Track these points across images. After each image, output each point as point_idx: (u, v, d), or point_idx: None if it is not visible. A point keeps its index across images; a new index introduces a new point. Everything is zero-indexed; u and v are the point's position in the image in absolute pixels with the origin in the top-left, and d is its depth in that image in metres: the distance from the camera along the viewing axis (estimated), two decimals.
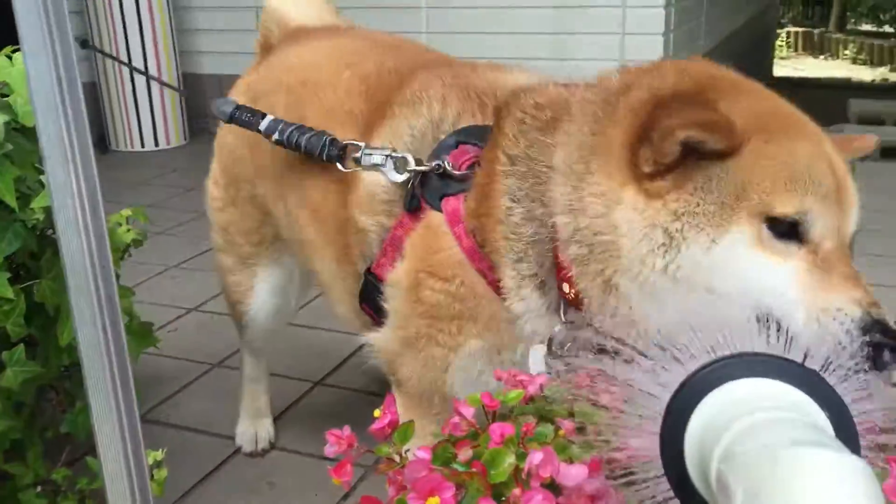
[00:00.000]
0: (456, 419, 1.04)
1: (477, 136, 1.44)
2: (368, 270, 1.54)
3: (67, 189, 0.82)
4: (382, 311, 1.52)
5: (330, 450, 1.12)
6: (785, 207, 1.12)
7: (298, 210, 1.72)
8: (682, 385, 0.73)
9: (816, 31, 13.66)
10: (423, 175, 1.44)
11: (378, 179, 1.50)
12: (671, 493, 0.77)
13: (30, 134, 1.76)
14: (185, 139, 5.74)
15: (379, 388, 2.49)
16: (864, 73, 11.38)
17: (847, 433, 0.68)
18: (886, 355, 1.07)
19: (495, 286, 1.37)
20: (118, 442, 0.91)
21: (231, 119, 1.70)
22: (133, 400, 0.92)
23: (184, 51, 5.80)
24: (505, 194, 1.34)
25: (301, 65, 1.79)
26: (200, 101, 5.99)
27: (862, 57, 12.39)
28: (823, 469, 0.60)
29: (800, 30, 13.75)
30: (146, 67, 5.46)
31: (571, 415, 1.04)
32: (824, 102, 6.58)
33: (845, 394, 0.71)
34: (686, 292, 1.17)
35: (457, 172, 1.41)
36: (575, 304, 1.30)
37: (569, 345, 1.31)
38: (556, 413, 1.05)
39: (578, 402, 1.06)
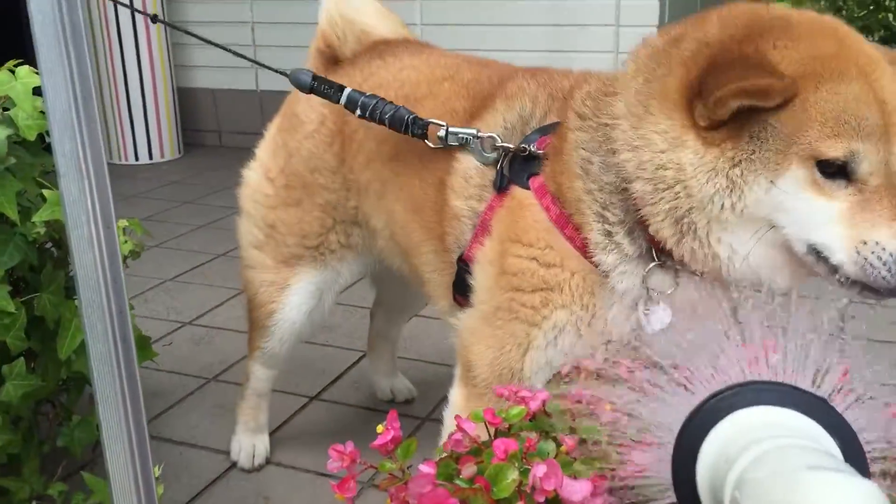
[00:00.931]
0: (458, 435, 1.05)
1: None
2: (461, 259, 1.58)
3: (81, 205, 0.83)
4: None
5: (333, 465, 1.12)
6: (832, 151, 1.21)
7: (405, 213, 1.75)
8: (694, 413, 0.74)
9: None
10: (511, 160, 1.51)
11: (471, 164, 1.58)
12: None
13: (31, 147, 1.77)
14: (180, 152, 5.75)
15: (375, 403, 2.50)
16: None
17: (856, 460, 0.69)
18: None
19: (584, 250, 1.41)
20: (127, 456, 0.91)
21: (311, 90, 1.73)
22: (142, 414, 0.93)
23: (178, 65, 5.82)
24: (579, 147, 1.41)
25: (397, 80, 1.80)
26: (196, 115, 6.01)
27: None
28: (836, 492, 0.61)
29: None
30: (141, 80, 5.47)
31: (573, 431, 1.06)
32: None
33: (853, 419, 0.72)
34: (754, 225, 1.28)
35: (540, 152, 1.49)
36: (659, 246, 1.36)
37: (670, 290, 1.39)
38: (558, 429, 1.06)
39: (580, 419, 1.08)
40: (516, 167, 1.51)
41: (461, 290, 1.60)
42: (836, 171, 1.23)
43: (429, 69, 1.81)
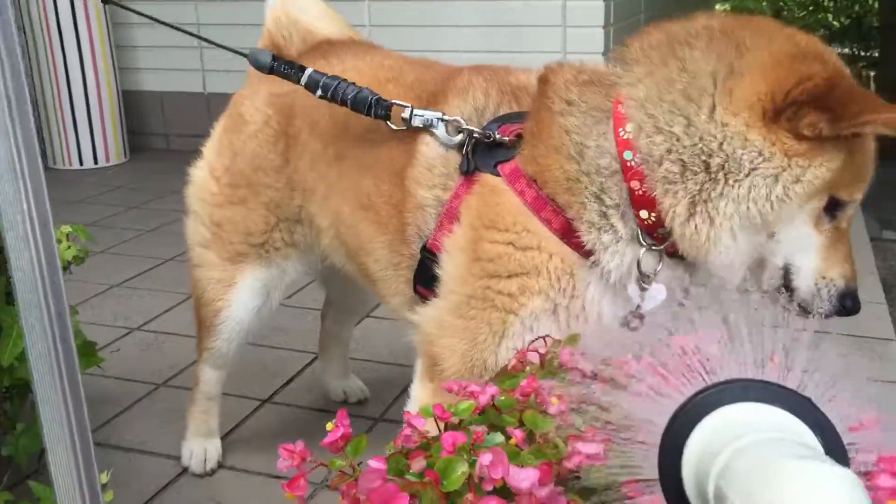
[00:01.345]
0: (408, 431, 1.05)
1: (517, 119, 1.55)
2: (424, 248, 1.58)
3: (17, 206, 0.81)
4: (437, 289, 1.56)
5: (283, 464, 1.12)
6: (845, 195, 1.37)
7: (353, 213, 1.75)
8: (679, 410, 0.76)
9: None
10: (473, 149, 1.54)
11: (435, 152, 1.59)
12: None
13: None
14: (126, 157, 5.65)
15: (327, 405, 2.49)
16: None
17: (837, 454, 0.72)
18: (841, 310, 1.40)
19: (563, 231, 1.43)
20: (71, 460, 0.90)
21: (271, 70, 1.74)
22: (84, 414, 0.91)
23: (123, 67, 5.72)
24: (570, 132, 1.44)
25: None
26: (142, 118, 5.92)
27: None
28: (814, 478, 0.63)
29: None
30: (84, 83, 5.36)
31: (522, 424, 1.07)
32: None
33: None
34: (765, 229, 1.36)
35: (506, 139, 1.51)
36: (651, 230, 1.40)
37: (658, 270, 1.44)
38: (507, 423, 1.07)
39: (528, 412, 1.09)
40: (481, 155, 1.53)
41: (424, 282, 1.60)
42: (830, 207, 1.36)
43: (372, 71, 1.81)
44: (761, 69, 1.33)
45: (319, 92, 1.68)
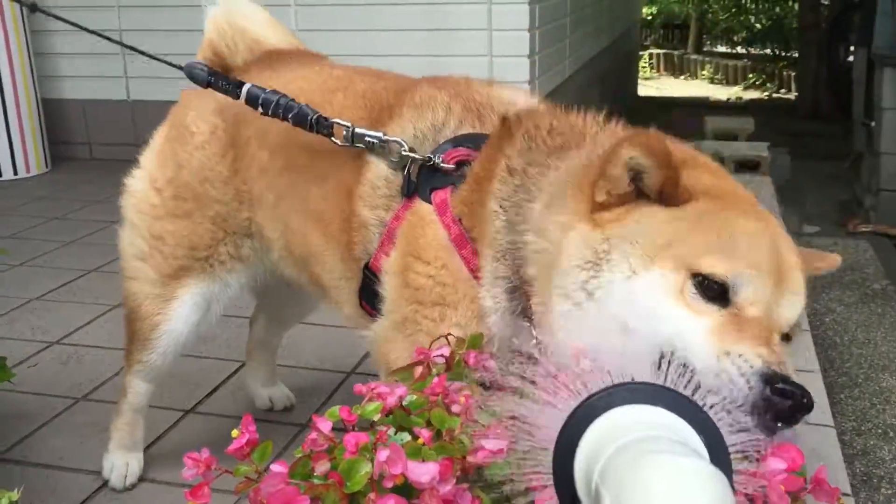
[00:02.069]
0: (314, 435, 1.05)
1: (473, 142, 1.52)
2: (366, 266, 1.58)
3: None
4: (380, 305, 1.56)
5: (188, 472, 1.11)
6: (711, 268, 1.13)
7: (303, 222, 1.73)
8: (572, 414, 0.78)
9: (676, 52, 14.37)
10: (420, 168, 1.52)
11: (380, 173, 1.58)
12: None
13: None
14: (47, 167, 5.50)
15: (253, 413, 2.46)
16: (720, 93, 12.03)
17: (719, 454, 0.75)
18: (774, 416, 1.05)
19: (476, 273, 1.44)
20: None
21: (209, 84, 1.71)
22: None
23: (43, 75, 5.57)
24: (496, 198, 1.42)
25: (289, 91, 1.70)
26: (64, 127, 5.76)
27: (718, 77, 13.10)
28: (678, 472, 0.66)
29: (661, 52, 14.44)
30: (2, 93, 5.20)
31: (429, 424, 1.07)
32: (683, 120, 6.94)
33: (721, 425, 0.77)
34: (600, 320, 1.17)
35: (445, 166, 1.49)
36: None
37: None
38: (415, 423, 1.08)
39: (435, 410, 1.10)
40: (423, 176, 1.52)
41: (368, 299, 1.61)
42: (712, 291, 1.13)
43: (321, 80, 1.80)
44: (592, 165, 1.32)
45: (260, 109, 1.66)
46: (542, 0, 4.92)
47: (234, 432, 1.11)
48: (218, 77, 1.72)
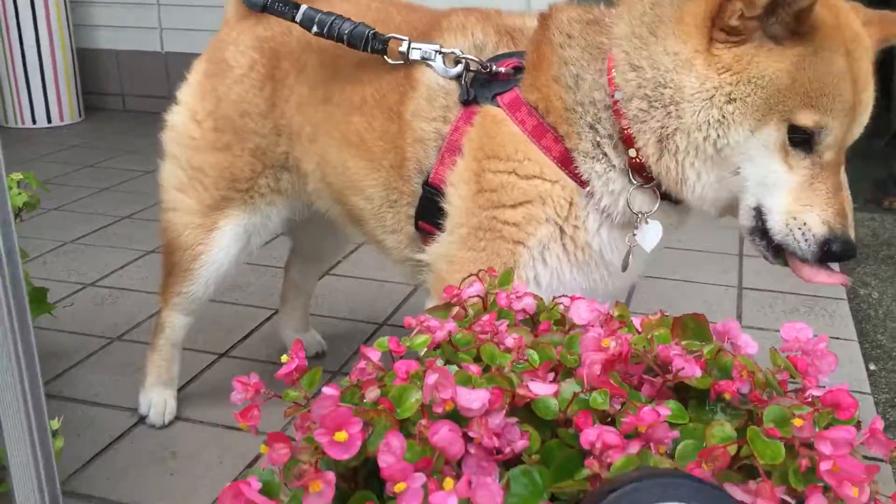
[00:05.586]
0: (362, 364, 1.05)
1: (513, 58, 1.55)
2: (426, 183, 1.58)
3: None
4: (442, 223, 1.56)
5: (237, 396, 1.11)
6: (806, 120, 1.31)
7: (341, 153, 1.74)
8: None
9: None
10: (472, 82, 1.54)
11: (435, 84, 1.60)
12: None
13: None
14: (81, 116, 5.53)
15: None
16: None
17: None
18: (824, 255, 1.34)
19: (562, 160, 1.46)
20: (20, 403, 0.87)
21: (264, 8, 1.74)
22: (34, 359, 0.88)
23: (78, 24, 5.58)
24: (569, 63, 1.47)
25: None
26: (98, 77, 5.78)
27: None
28: None
29: None
30: (37, 40, 5.22)
31: (477, 360, 1.07)
32: None
33: None
34: (724, 165, 1.35)
35: (504, 69, 1.53)
36: (639, 169, 1.43)
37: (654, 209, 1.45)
38: (462, 359, 1.07)
39: (486, 345, 1.09)
40: (479, 87, 1.55)
41: (427, 217, 1.60)
42: (801, 139, 1.32)
43: (360, 13, 1.80)
44: None
45: (315, 28, 1.68)
46: None
47: (284, 357, 1.12)
48: (274, 0, 1.73)
